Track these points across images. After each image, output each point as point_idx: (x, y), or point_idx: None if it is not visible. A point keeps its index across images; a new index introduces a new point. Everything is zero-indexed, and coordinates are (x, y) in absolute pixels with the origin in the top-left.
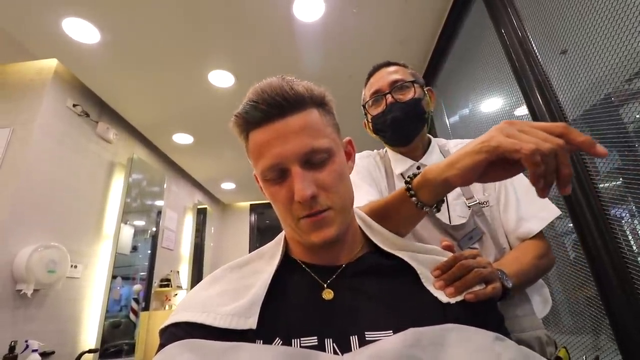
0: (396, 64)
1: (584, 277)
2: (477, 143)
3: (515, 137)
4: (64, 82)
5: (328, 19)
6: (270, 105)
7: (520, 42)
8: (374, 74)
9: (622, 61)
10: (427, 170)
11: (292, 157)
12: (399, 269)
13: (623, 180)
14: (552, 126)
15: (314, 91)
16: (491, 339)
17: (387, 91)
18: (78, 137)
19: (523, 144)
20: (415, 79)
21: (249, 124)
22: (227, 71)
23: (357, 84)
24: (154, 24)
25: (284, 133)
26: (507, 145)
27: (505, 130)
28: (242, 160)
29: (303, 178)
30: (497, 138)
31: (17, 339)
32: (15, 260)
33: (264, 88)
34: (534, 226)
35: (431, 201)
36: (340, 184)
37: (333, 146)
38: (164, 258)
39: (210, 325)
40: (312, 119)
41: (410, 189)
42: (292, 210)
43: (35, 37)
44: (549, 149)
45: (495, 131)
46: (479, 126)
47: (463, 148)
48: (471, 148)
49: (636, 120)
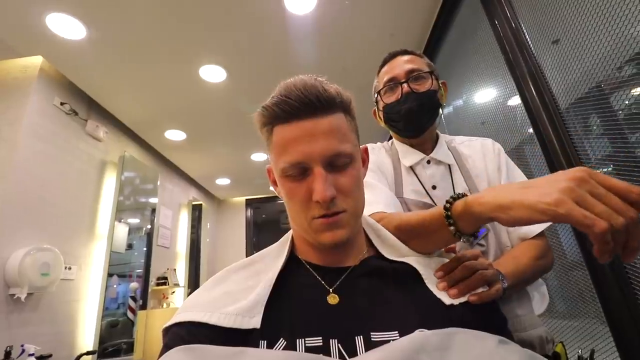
0: (413, 53)
1: (577, 263)
2: (540, 199)
3: (586, 205)
4: (50, 80)
5: (320, 11)
6: (302, 103)
7: (514, 32)
8: (390, 61)
9: (614, 49)
10: (472, 202)
11: (317, 157)
12: (403, 272)
13: (614, 167)
14: (627, 190)
15: (343, 95)
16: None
17: (404, 80)
18: (67, 136)
19: (595, 220)
20: (432, 70)
21: (277, 118)
22: (218, 66)
23: (351, 77)
24: (141, 18)
25: (312, 133)
26: (578, 217)
27: (575, 193)
28: (236, 155)
29: (325, 179)
30: (567, 206)
31: (13, 344)
32: (7, 265)
33: (296, 84)
34: (535, 226)
35: (470, 231)
36: (356, 189)
37: (355, 152)
38: (159, 256)
39: (214, 325)
40: (340, 123)
41: (450, 216)
42: (307, 209)
43: (18, 34)
44: (622, 225)
45: (564, 193)
46: (473, 117)
47: (519, 189)
48: (532, 201)
49: (626, 107)
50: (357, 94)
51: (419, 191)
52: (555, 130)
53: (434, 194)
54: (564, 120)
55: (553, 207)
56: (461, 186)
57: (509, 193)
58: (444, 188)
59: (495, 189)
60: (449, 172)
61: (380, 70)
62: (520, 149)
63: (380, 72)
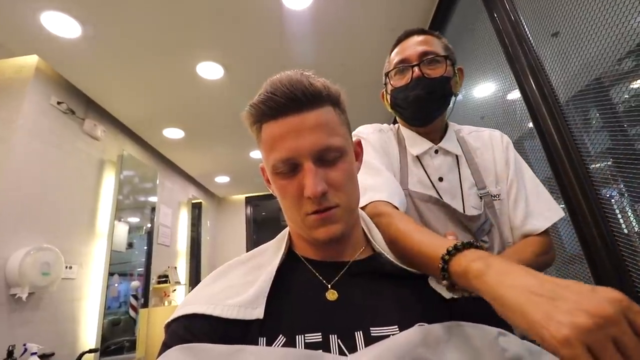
0: (430, 34)
1: (576, 257)
2: (547, 325)
3: (601, 356)
4: (46, 79)
5: (318, 7)
6: (288, 99)
7: (513, 25)
8: (404, 41)
9: (614, 42)
10: (473, 273)
11: (306, 152)
12: (403, 268)
13: (613, 161)
14: None
15: (331, 89)
16: (495, 335)
17: (416, 63)
18: (65, 135)
19: None
20: (448, 54)
21: (264, 115)
22: (215, 63)
23: (350, 73)
24: (137, 14)
25: (299, 128)
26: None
27: (592, 337)
28: (235, 152)
29: (315, 174)
30: (574, 350)
31: (15, 343)
32: (8, 265)
33: (282, 80)
34: (540, 224)
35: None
36: (349, 183)
37: (345, 145)
38: (160, 254)
39: (217, 317)
40: (328, 117)
41: (446, 269)
42: (299, 205)
43: (12, 33)
44: None
45: (577, 333)
46: (472, 111)
47: (529, 293)
48: (536, 319)
49: (626, 101)
50: (356, 91)
51: (424, 182)
52: (555, 124)
53: (440, 187)
54: (564, 113)
55: (556, 344)
56: (468, 179)
57: (518, 290)
58: (450, 180)
59: (505, 272)
60: (456, 164)
61: (392, 49)
62: (519, 143)
63: (393, 52)
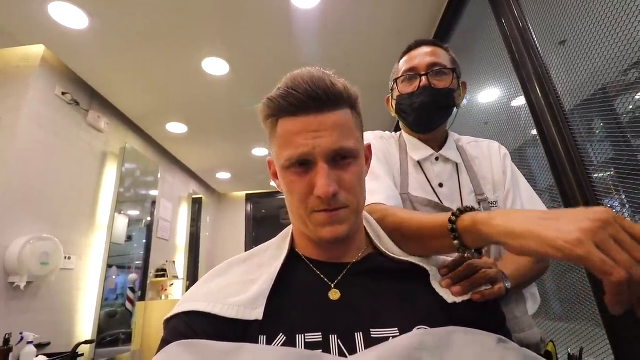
0: (440, 46)
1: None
2: (560, 235)
3: (607, 250)
4: (52, 69)
5: (325, 6)
6: (309, 97)
7: (521, 31)
8: (414, 49)
9: (622, 52)
10: (481, 221)
11: (322, 152)
12: (405, 269)
13: (616, 172)
14: None
15: (350, 91)
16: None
17: (424, 72)
18: (68, 126)
19: (614, 268)
20: (454, 67)
21: (282, 110)
22: (221, 59)
23: (355, 73)
24: (144, 8)
25: (317, 127)
26: (596, 262)
27: (598, 236)
28: (237, 149)
29: (328, 175)
30: (586, 248)
31: (12, 332)
32: (7, 253)
33: (304, 77)
34: None
35: (475, 246)
36: (358, 186)
37: (359, 149)
38: (159, 248)
39: (216, 316)
40: (346, 119)
41: (455, 229)
42: (306, 202)
43: (20, 22)
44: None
45: (586, 234)
46: (476, 117)
47: (537, 220)
48: (550, 236)
49: (631, 112)
50: (360, 91)
51: (425, 188)
52: (559, 132)
53: (440, 192)
54: (569, 122)
55: (571, 247)
56: (467, 186)
57: (525, 221)
58: (450, 187)
59: (509, 213)
60: (456, 171)
61: (402, 57)
62: (523, 150)
63: (402, 60)
